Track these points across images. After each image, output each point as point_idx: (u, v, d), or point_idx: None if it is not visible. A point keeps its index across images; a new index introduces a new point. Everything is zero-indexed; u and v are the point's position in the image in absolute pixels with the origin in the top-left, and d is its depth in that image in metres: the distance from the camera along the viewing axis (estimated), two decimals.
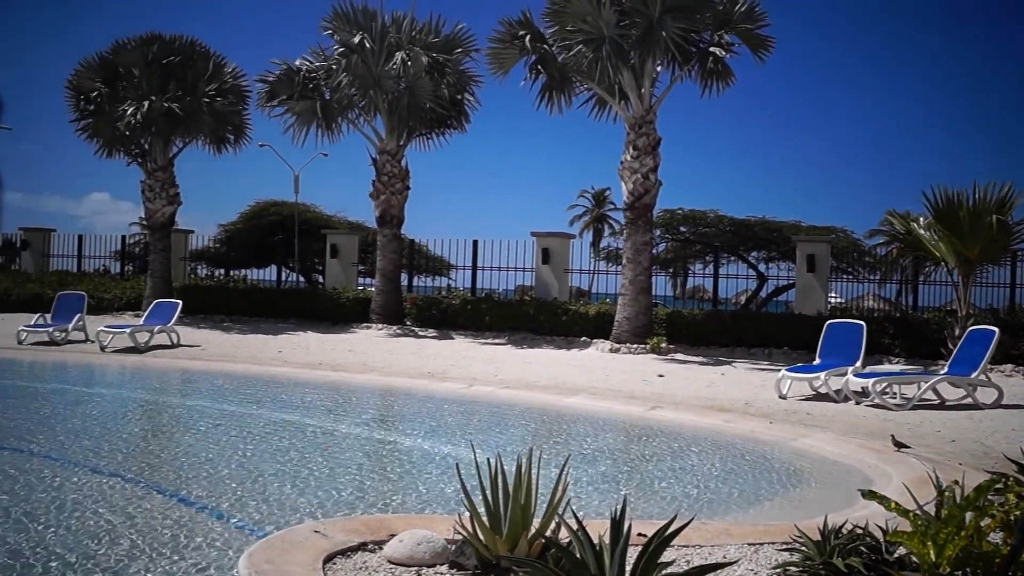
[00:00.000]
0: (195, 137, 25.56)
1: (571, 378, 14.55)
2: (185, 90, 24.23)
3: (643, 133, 19.75)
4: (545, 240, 24.18)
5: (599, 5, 18.73)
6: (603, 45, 18.69)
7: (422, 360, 16.64)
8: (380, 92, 22.80)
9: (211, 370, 15.46)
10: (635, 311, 19.50)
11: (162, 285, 24.64)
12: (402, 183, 23.80)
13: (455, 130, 25.10)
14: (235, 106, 25.44)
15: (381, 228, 23.85)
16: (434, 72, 23.07)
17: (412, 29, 23.51)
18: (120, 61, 24.74)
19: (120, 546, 5.34)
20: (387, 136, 23.70)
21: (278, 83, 23.64)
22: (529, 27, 20.30)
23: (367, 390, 14.03)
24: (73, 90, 24.94)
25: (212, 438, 9.86)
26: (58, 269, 31.54)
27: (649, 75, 19.73)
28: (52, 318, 19.03)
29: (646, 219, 20.02)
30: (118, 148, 25.22)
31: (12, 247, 35.17)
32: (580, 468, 8.03)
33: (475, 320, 22.11)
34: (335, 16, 23.32)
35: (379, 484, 7.70)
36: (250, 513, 6.29)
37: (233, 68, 25.43)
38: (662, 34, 18.45)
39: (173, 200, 25.43)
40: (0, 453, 8.29)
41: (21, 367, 16.05)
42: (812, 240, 22.65)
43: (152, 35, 24.81)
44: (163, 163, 25.19)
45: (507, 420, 11.64)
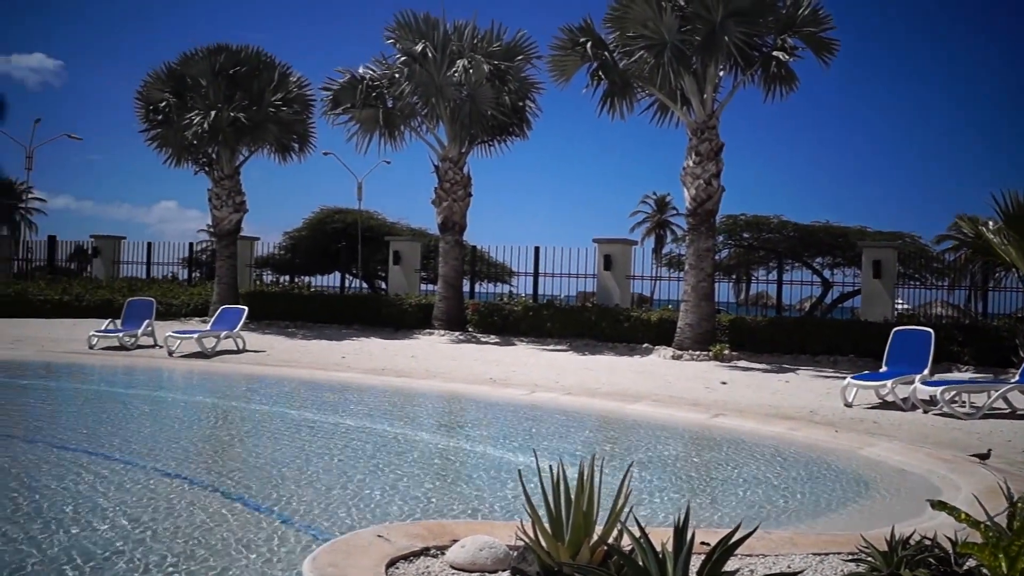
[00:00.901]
0: (261, 146, 25.92)
1: (633, 385, 14.49)
2: (251, 100, 24.61)
3: (705, 139, 19.61)
4: (607, 246, 24.11)
5: (660, 10, 18.65)
6: (665, 50, 18.59)
7: (484, 366, 16.69)
8: (442, 100, 22.93)
9: (276, 375, 15.67)
10: (697, 317, 19.36)
11: (228, 291, 25.02)
12: (464, 190, 23.91)
13: (517, 137, 25.13)
14: (300, 115, 25.76)
15: (443, 235, 23.98)
16: (495, 80, 23.14)
17: (474, 37, 23.61)
18: (188, 72, 25.19)
19: (185, 548, 5.45)
20: (449, 143, 23.83)
21: (342, 92, 23.88)
22: (590, 33, 20.26)
23: (429, 396, 14.12)
24: (143, 101, 25.46)
25: (277, 442, 10.00)
26: (128, 276, 32.23)
27: (711, 80, 19.60)
28: (122, 323, 19.40)
29: (708, 225, 19.87)
30: (186, 157, 25.67)
31: (84, 254, 36.03)
32: (642, 475, 7.99)
33: (537, 326, 22.12)
34: (398, 25, 23.51)
35: (441, 489, 7.75)
36: (314, 517, 6.38)
37: (298, 77, 25.77)
38: (724, 39, 18.30)
39: (239, 208, 25.82)
40: (70, 455, 8.50)
41: (92, 371, 16.40)
42: (878, 246, 22.29)
43: (219, 46, 25.23)
44: (229, 171, 25.59)
45: (569, 427, 11.62)
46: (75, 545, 5.45)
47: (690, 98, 19.82)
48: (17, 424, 10.62)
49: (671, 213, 66.41)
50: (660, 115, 21.94)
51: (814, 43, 19.26)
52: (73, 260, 38.43)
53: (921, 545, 4.22)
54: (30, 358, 17.24)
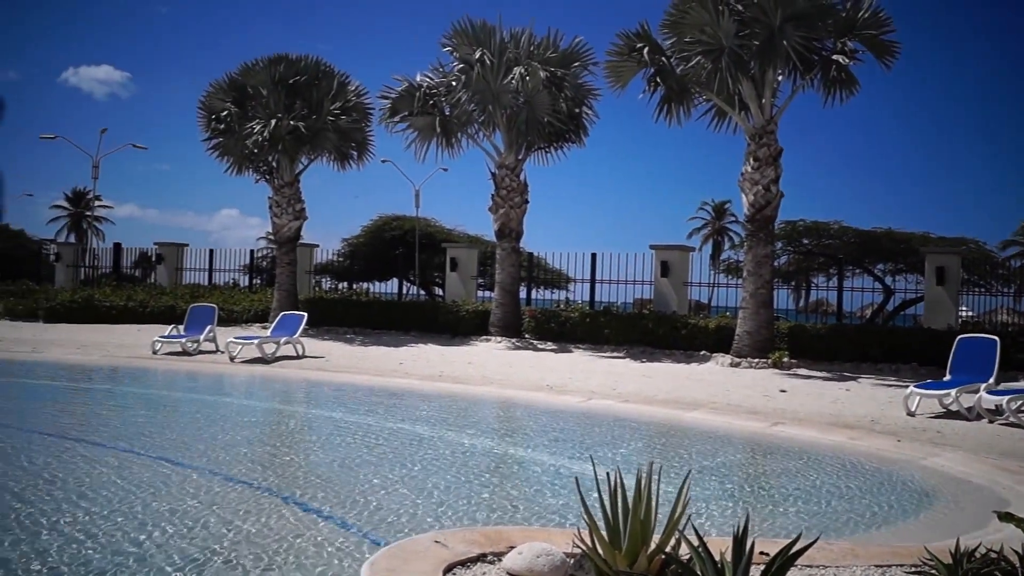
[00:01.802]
0: (320, 154, 26.23)
1: (691, 392, 14.40)
2: (310, 108, 24.92)
3: (764, 144, 19.44)
4: (664, 253, 24.01)
5: (718, 15, 18.54)
6: (722, 56, 18.48)
7: (541, 373, 16.70)
8: (499, 107, 23.02)
9: (335, 381, 15.83)
10: (756, 325, 19.18)
11: (288, 298, 25.33)
12: (521, 197, 23.96)
13: (573, 143, 25.12)
14: (358, 123, 26.02)
15: (500, 241, 24.05)
16: (552, 86, 23.17)
17: (530, 44, 23.66)
18: (249, 81, 25.59)
19: (244, 552, 5.53)
20: (506, 150, 23.90)
21: (400, 100, 24.08)
22: (647, 39, 20.18)
23: (486, 402, 14.16)
24: (205, 110, 25.92)
25: (335, 447, 10.11)
26: (190, 282, 32.79)
27: (770, 85, 19.43)
28: (185, 329, 19.71)
29: (767, 231, 19.69)
30: (247, 166, 26.06)
31: (148, 261, 36.73)
32: (700, 484, 7.94)
33: (593, 333, 22.07)
34: (455, 33, 23.65)
35: (498, 496, 7.77)
36: (372, 521, 6.43)
37: (356, 86, 26.05)
38: (783, 43, 18.14)
39: (299, 215, 26.14)
40: (133, 459, 8.66)
41: (155, 376, 16.71)
42: (942, 251, 21.90)
43: (279, 56, 25.59)
44: (289, 179, 25.93)
45: (626, 434, 11.58)
46: (136, 547, 5.55)
47: (748, 103, 19.68)
48: (83, 428, 10.85)
49: (729, 219, 66.06)
50: (718, 121, 21.81)
51: (874, 46, 19.01)
52: (138, 267, 39.25)
53: (987, 558, 4.14)
54: (96, 363, 17.63)
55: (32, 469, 7.97)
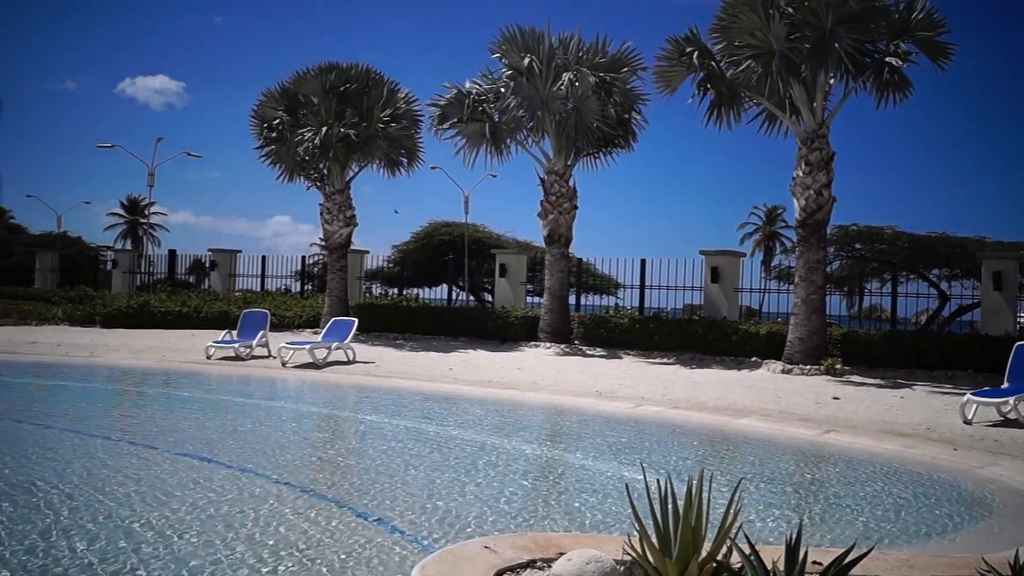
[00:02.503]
0: (370, 161, 26.42)
1: (741, 399, 14.28)
2: (361, 116, 25.12)
3: (815, 148, 19.24)
4: (714, 258, 23.85)
5: (768, 18, 18.39)
6: (773, 59, 18.32)
7: (590, 379, 16.66)
8: (548, 113, 23.03)
9: (384, 386, 15.92)
10: (808, 331, 18.97)
11: (339, 303, 25.53)
12: (570, 202, 23.93)
13: (622, 149, 25.03)
14: (408, 130, 26.17)
15: (549, 247, 24.04)
16: (601, 92, 23.12)
17: (579, 50, 23.65)
18: (300, 90, 25.87)
19: (295, 555, 5.58)
20: (555, 156, 23.89)
21: (449, 106, 24.17)
22: (696, 44, 20.07)
23: (536, 408, 14.15)
24: (257, 119, 26.23)
25: (385, 452, 10.17)
26: (243, 288, 33.22)
27: (821, 88, 19.23)
28: (238, 334, 19.95)
29: (819, 236, 19.48)
30: (298, 173, 26.30)
31: (202, 267, 37.26)
32: (751, 491, 7.88)
33: (643, 339, 21.98)
34: (503, 40, 23.70)
35: (547, 502, 7.76)
36: (422, 527, 6.46)
37: (406, 94, 26.19)
38: (835, 46, 17.94)
39: (349, 222, 26.34)
40: (187, 462, 8.78)
41: (209, 380, 16.93)
42: (999, 256, 21.50)
43: (330, 64, 25.83)
44: (340, 187, 26.14)
45: (676, 441, 11.52)
46: (190, 549, 5.63)
47: (799, 107, 19.49)
48: (139, 431, 11.02)
49: (780, 224, 65.42)
50: (768, 125, 21.61)
51: (929, 48, 18.74)
52: (192, 273, 39.86)
53: None
54: (152, 367, 17.92)
55: (90, 471, 8.12)
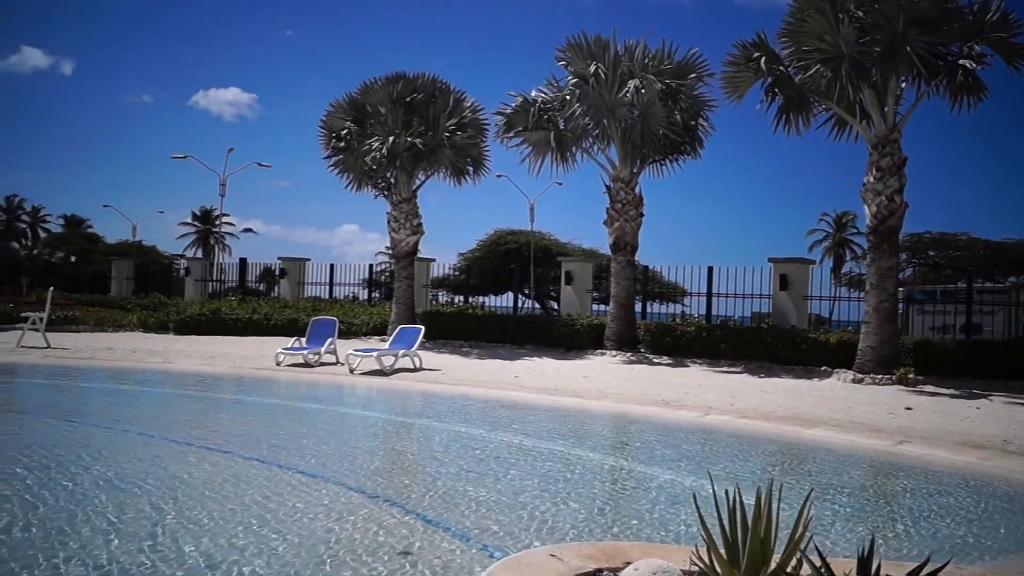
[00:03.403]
0: (437, 170, 26.61)
1: (811, 409, 14.08)
2: (427, 125, 25.32)
3: (887, 153, 18.92)
4: (783, 266, 23.57)
5: (837, 22, 18.15)
6: (842, 63, 18.07)
7: (656, 387, 16.57)
8: (613, 120, 22.99)
9: (451, 393, 16.00)
10: (880, 340, 18.64)
11: (406, 311, 25.74)
12: (636, 210, 23.86)
13: (689, 156, 24.92)
14: (474, 139, 26.32)
15: (615, 255, 23.97)
16: (667, 99, 23.04)
17: (645, 56, 23.59)
18: (368, 100, 26.18)
19: (365, 560, 5.63)
20: (620, 164, 23.84)
21: (514, 115, 24.26)
22: (764, 49, 19.88)
23: (602, 416, 14.11)
24: (326, 129, 26.61)
25: (452, 459, 10.21)
26: (312, 296, 33.66)
27: (892, 92, 18.91)
28: (307, 341, 20.19)
29: (891, 243, 19.14)
30: (366, 182, 26.61)
31: (272, 275, 37.86)
32: (821, 503, 7.76)
33: (710, 348, 21.79)
34: (569, 47, 23.73)
35: (613, 510, 7.73)
36: (489, 534, 6.47)
37: (472, 103, 26.37)
38: (906, 49, 17.63)
39: (416, 230, 26.55)
40: (258, 467, 8.91)
41: (278, 387, 17.17)
42: None
43: (397, 74, 26.10)
44: (407, 195, 26.37)
45: (744, 450, 11.39)
46: (258, 553, 5.71)
47: (870, 111, 19.20)
48: (212, 436, 11.21)
49: (850, 231, 64.48)
50: (838, 130, 21.34)
51: (1004, 49, 18.32)
52: (262, 281, 40.54)
53: None
54: (224, 373, 18.24)
55: (166, 473, 8.28)
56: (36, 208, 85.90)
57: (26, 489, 7.36)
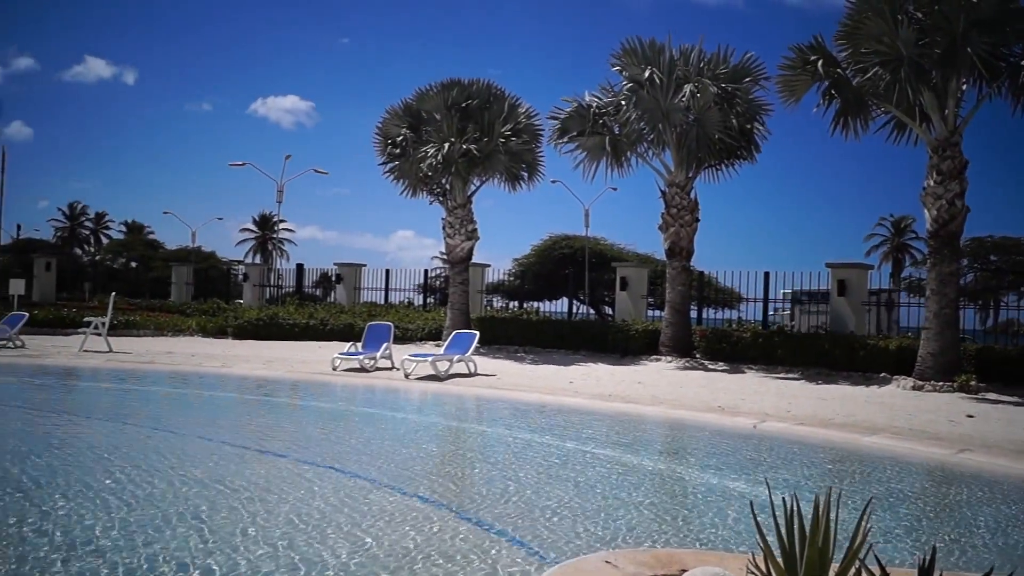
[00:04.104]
0: (491, 175, 26.68)
1: (870, 416, 13.90)
2: (482, 131, 25.41)
3: (947, 156, 18.62)
4: (840, 271, 23.30)
5: (896, 23, 17.91)
6: (901, 65, 17.82)
7: (712, 394, 16.46)
8: (668, 125, 22.90)
9: (506, 399, 16.05)
10: (940, 346, 18.33)
11: (461, 316, 25.84)
12: (691, 215, 23.73)
13: (745, 160, 24.72)
14: (528, 144, 26.35)
15: (670, 260, 23.87)
16: (723, 103, 22.89)
17: (700, 61, 23.47)
18: (423, 107, 26.35)
19: (419, 565, 5.68)
20: (675, 168, 23.74)
21: (569, 120, 24.26)
22: (821, 51, 19.65)
23: (656, 422, 14.06)
24: (381, 135, 26.83)
25: (506, 464, 10.25)
26: (367, 301, 33.95)
27: (953, 95, 18.61)
28: (362, 346, 20.39)
29: (952, 248, 18.82)
30: (421, 188, 26.78)
31: (328, 281, 38.26)
32: (880, 512, 7.66)
33: (766, 354, 21.59)
34: (624, 52, 23.69)
35: (668, 517, 7.70)
36: (543, 539, 6.49)
37: (527, 108, 26.39)
38: (967, 50, 17.35)
39: (471, 236, 26.65)
40: (312, 470, 9.02)
41: (335, 391, 17.35)
42: None
43: (452, 81, 26.23)
44: (462, 201, 26.48)
45: (801, 458, 11.28)
46: (311, 557, 5.79)
47: (930, 114, 18.91)
48: (269, 439, 11.37)
49: (909, 236, 63.58)
50: (897, 133, 21.02)
51: None
52: (318, 286, 41.00)
53: None
54: (281, 377, 18.49)
55: (225, 477, 8.42)
56: (99, 215, 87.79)
57: (109, 489, 7.54)
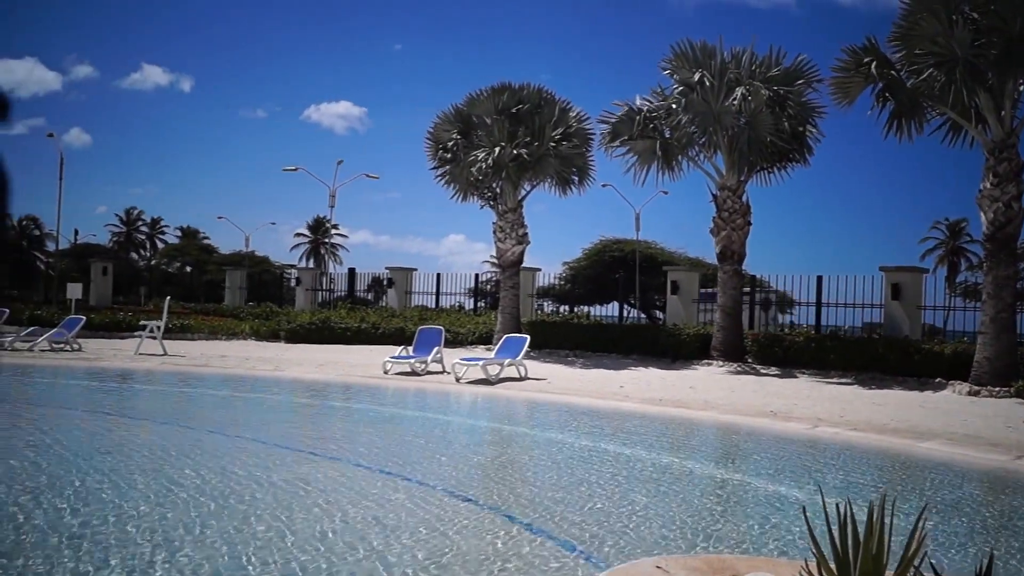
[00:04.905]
0: (542, 180, 26.71)
1: (925, 421, 13.73)
2: (533, 135, 25.45)
3: (1004, 158, 18.35)
4: (895, 275, 23.04)
5: (951, 24, 17.69)
6: (956, 67, 17.59)
7: (764, 398, 16.37)
8: (720, 128, 22.79)
9: (556, 403, 16.09)
10: (997, 351, 18.05)
11: (511, 320, 25.91)
12: (743, 218, 23.60)
13: (797, 163, 24.52)
14: (579, 148, 26.33)
15: (722, 264, 23.75)
16: (775, 106, 22.74)
17: (752, 63, 23.35)
18: (473, 111, 26.47)
19: (470, 569, 5.75)
20: (727, 172, 23.62)
21: (620, 124, 24.24)
22: (874, 53, 19.45)
23: (708, 427, 14.02)
24: (432, 140, 27.00)
25: (557, 468, 10.29)
26: (419, 305, 34.15)
27: (1009, 96, 18.33)
28: (413, 350, 20.51)
29: (1009, 251, 18.53)
30: (472, 192, 26.88)
31: (380, 285, 38.56)
32: (936, 518, 7.60)
33: (819, 358, 21.39)
34: (674, 56, 23.63)
35: (719, 523, 7.69)
36: (593, 544, 6.52)
37: (577, 112, 26.38)
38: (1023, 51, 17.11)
39: (522, 240, 26.70)
40: (366, 474, 9.14)
41: (386, 394, 17.51)
42: None
43: (502, 85, 26.31)
44: (512, 205, 26.55)
45: (855, 464, 11.18)
46: (363, 562, 5.89)
47: (986, 116, 18.64)
48: (322, 442, 11.52)
49: (965, 239, 62.57)
50: (952, 135, 20.75)
51: None
52: (370, 290, 41.34)
53: None
54: (333, 381, 18.70)
55: (277, 480, 8.56)
56: (155, 220, 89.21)
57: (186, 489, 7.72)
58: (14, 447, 9.95)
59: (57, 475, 8.46)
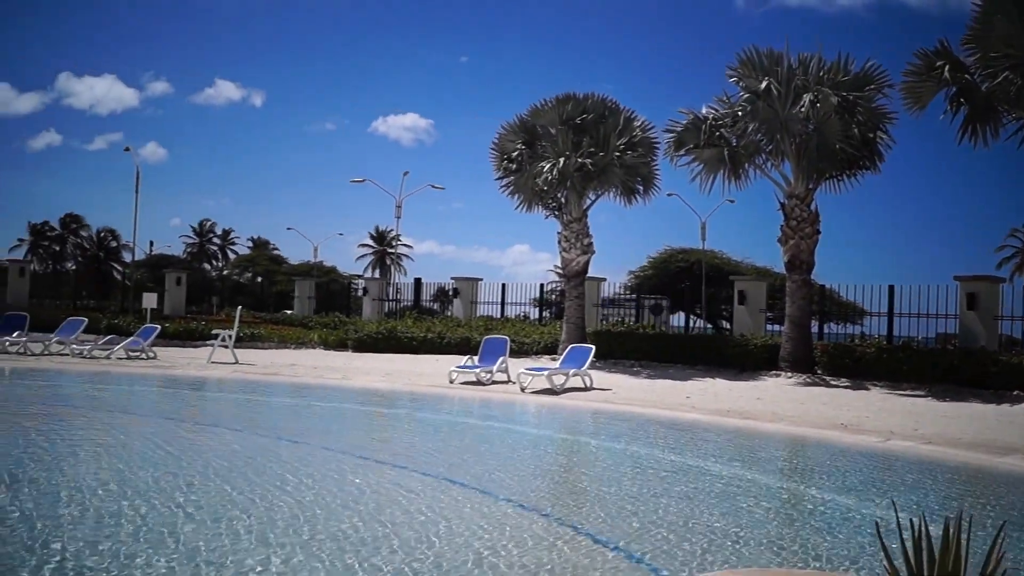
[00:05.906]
0: (607, 189, 26.59)
1: (1003, 436, 13.34)
2: (597, 145, 25.36)
3: None
4: (970, 284, 22.48)
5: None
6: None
7: (834, 411, 16.06)
8: (787, 136, 22.47)
9: (622, 413, 15.97)
10: None
11: (576, 330, 25.80)
12: (811, 227, 23.21)
13: (867, 170, 24.02)
14: (644, 158, 26.17)
15: (790, 274, 23.39)
16: (844, 112, 22.34)
17: (819, 69, 22.97)
18: (538, 121, 26.47)
19: None
20: (795, 180, 23.27)
21: (685, 132, 24.03)
22: (947, 57, 19.05)
23: (776, 439, 13.79)
24: (497, 151, 27.06)
25: (623, 479, 10.20)
26: (484, 315, 34.21)
27: None
28: (479, 360, 20.56)
29: None
30: (536, 203, 26.86)
31: (445, 295, 38.75)
32: (1015, 536, 7.35)
33: (892, 370, 20.92)
34: (740, 63, 23.37)
35: (789, 537, 7.54)
36: (660, 556, 6.44)
37: (642, 121, 26.23)
38: None
39: (587, 250, 26.60)
40: (431, 482, 9.14)
41: (452, 404, 17.55)
42: None
43: (566, 96, 26.27)
44: (577, 215, 26.47)
45: (929, 478, 10.90)
46: (429, 568, 5.87)
47: None
48: (388, 451, 11.57)
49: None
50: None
51: None
52: (436, 300, 41.55)
53: None
54: (400, 390, 18.82)
55: (348, 488, 8.60)
56: (226, 231, 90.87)
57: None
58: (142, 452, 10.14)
59: (165, 479, 8.63)
